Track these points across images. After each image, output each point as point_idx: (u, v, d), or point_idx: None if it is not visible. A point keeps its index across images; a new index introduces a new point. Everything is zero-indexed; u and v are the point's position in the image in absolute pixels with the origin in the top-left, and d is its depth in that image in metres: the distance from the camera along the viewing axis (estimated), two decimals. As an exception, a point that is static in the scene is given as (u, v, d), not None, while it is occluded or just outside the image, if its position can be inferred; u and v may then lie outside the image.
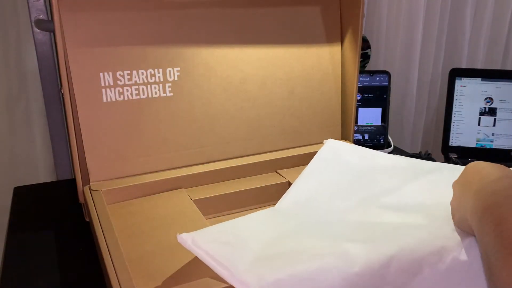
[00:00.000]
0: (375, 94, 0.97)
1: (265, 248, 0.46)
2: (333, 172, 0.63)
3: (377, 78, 0.96)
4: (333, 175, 0.63)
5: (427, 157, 0.88)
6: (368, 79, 0.96)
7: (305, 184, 0.62)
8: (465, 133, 1.00)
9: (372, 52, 1.14)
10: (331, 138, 0.72)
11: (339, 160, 0.65)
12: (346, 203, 0.58)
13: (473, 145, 1.00)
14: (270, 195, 0.68)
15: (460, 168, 0.58)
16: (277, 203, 0.59)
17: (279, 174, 0.72)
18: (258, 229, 0.51)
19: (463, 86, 0.99)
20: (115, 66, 0.63)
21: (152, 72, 0.66)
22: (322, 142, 0.70)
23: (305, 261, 0.43)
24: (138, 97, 0.65)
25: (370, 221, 0.53)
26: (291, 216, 0.55)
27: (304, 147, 0.77)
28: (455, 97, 1.00)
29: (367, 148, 0.68)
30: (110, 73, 0.63)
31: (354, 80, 0.79)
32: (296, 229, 0.52)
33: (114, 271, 0.45)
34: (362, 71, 0.97)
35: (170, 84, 0.67)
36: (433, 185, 0.57)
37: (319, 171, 0.64)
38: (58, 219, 0.70)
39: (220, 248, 0.44)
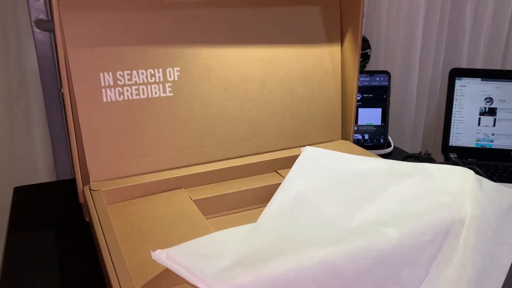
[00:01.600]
0: (375, 94, 0.97)
1: (242, 256, 0.46)
2: (313, 181, 0.63)
3: (377, 78, 0.96)
4: (313, 183, 0.63)
5: (427, 157, 0.88)
6: (368, 79, 0.96)
7: (286, 195, 0.62)
8: (465, 133, 1.01)
9: (372, 52, 1.14)
10: (331, 138, 0.72)
11: (318, 167, 0.65)
12: (327, 212, 0.58)
13: (473, 145, 1.00)
14: (270, 195, 0.68)
15: (437, 169, 0.59)
16: (259, 218, 0.59)
17: (279, 174, 0.72)
18: (236, 241, 0.51)
19: (463, 86, 0.99)
20: (115, 66, 0.64)
21: (152, 72, 0.66)
22: (322, 142, 0.70)
23: (280, 264, 0.43)
24: (138, 97, 0.65)
25: (349, 227, 0.54)
26: (271, 230, 0.55)
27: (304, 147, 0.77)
28: (455, 97, 1.00)
29: (345, 153, 0.68)
30: (110, 73, 0.63)
31: (354, 80, 0.79)
32: (276, 241, 0.52)
33: (114, 271, 0.45)
34: (362, 71, 0.97)
35: (170, 84, 0.67)
36: (409, 191, 0.58)
37: (299, 181, 0.64)
38: (58, 219, 0.70)
39: (195, 260, 0.44)
